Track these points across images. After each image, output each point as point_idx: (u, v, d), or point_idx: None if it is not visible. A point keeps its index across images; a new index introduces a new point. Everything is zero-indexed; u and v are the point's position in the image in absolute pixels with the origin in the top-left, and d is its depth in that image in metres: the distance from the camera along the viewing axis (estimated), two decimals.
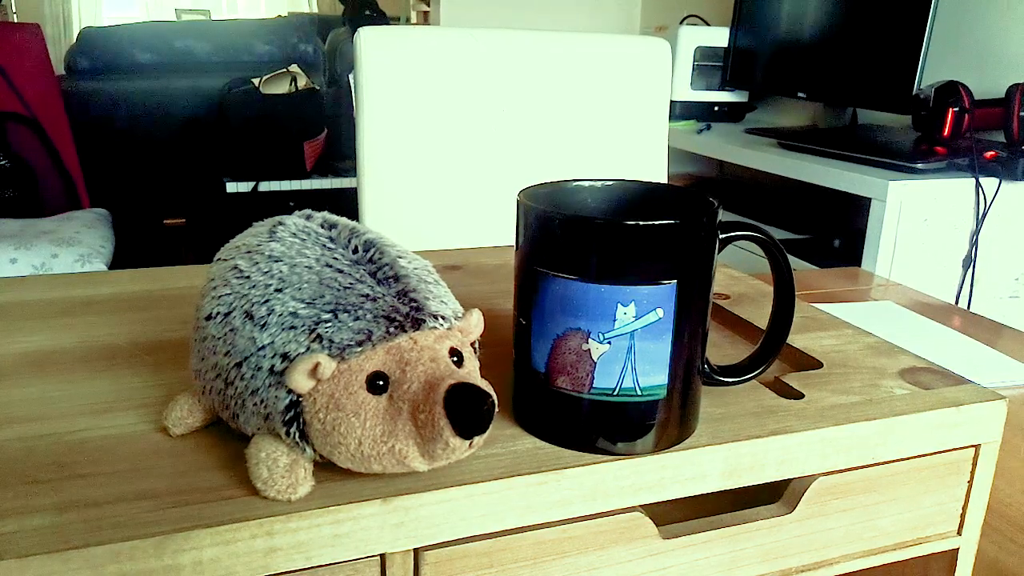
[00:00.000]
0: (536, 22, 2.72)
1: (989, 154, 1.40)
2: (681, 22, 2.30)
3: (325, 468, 0.34)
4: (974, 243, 1.41)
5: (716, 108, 2.18)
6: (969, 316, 0.96)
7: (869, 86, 1.67)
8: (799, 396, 0.44)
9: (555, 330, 0.37)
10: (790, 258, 0.41)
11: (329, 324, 0.33)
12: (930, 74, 1.55)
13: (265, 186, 2.73)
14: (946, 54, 1.66)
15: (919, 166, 1.40)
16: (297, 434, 0.33)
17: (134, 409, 0.41)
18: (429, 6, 2.81)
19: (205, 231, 3.04)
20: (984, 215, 1.39)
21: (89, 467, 0.35)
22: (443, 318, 0.35)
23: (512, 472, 0.35)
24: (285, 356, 0.33)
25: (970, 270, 1.42)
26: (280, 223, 0.39)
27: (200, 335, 0.37)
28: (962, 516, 0.46)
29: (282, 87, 2.72)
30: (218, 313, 0.36)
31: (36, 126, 2.44)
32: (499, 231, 1.14)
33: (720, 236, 0.38)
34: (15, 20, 5.49)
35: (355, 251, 0.37)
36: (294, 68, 2.77)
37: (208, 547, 0.31)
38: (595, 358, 0.36)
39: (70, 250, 2.01)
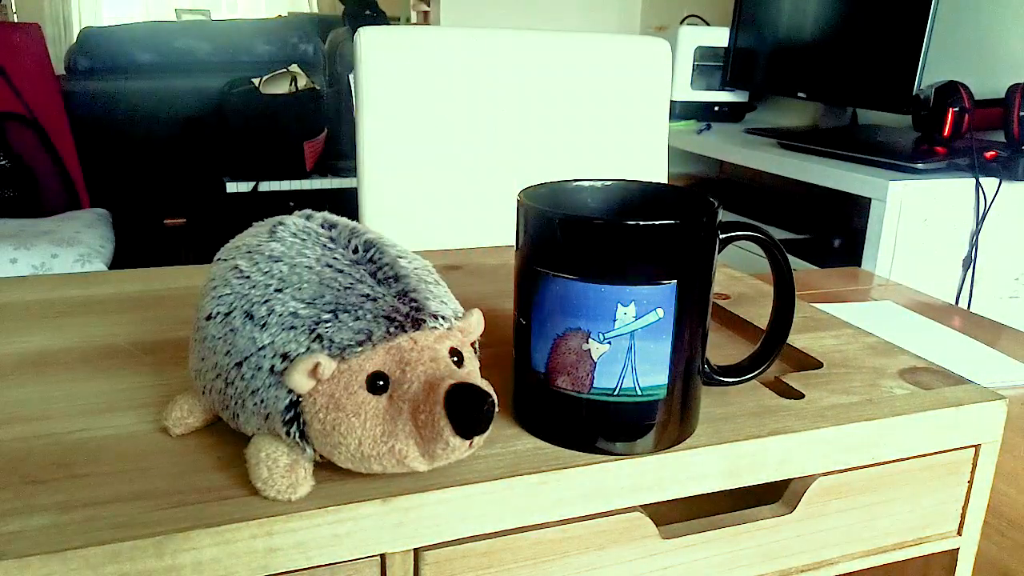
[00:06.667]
0: (536, 22, 2.72)
1: (989, 154, 1.40)
2: (681, 22, 2.30)
3: (325, 468, 0.34)
4: (974, 243, 1.41)
5: (716, 108, 2.18)
6: (969, 316, 0.96)
7: (869, 86, 1.67)
8: (799, 396, 0.44)
9: (555, 330, 0.37)
10: (790, 258, 0.41)
11: (329, 324, 0.33)
12: (930, 74, 1.55)
13: (265, 186, 2.74)
14: (946, 54, 1.66)
15: (919, 166, 1.40)
16: (297, 434, 0.33)
17: (134, 409, 0.41)
18: (429, 6, 2.81)
19: (205, 231, 3.03)
20: (984, 215, 1.39)
21: (89, 467, 0.35)
22: (443, 318, 0.35)
23: (512, 472, 0.35)
24: (285, 356, 0.33)
25: (970, 270, 1.42)
26: (280, 223, 0.39)
27: (200, 335, 0.37)
28: (962, 516, 0.46)
29: (282, 87, 2.72)
30: (218, 313, 0.36)
31: (36, 126, 2.44)
32: (499, 231, 1.14)
33: (720, 236, 0.38)
34: (15, 20, 5.49)
35: (355, 251, 0.37)
36: (294, 68, 2.77)
37: (208, 547, 0.31)
38: (595, 358, 0.36)
39: (70, 250, 2.01)
